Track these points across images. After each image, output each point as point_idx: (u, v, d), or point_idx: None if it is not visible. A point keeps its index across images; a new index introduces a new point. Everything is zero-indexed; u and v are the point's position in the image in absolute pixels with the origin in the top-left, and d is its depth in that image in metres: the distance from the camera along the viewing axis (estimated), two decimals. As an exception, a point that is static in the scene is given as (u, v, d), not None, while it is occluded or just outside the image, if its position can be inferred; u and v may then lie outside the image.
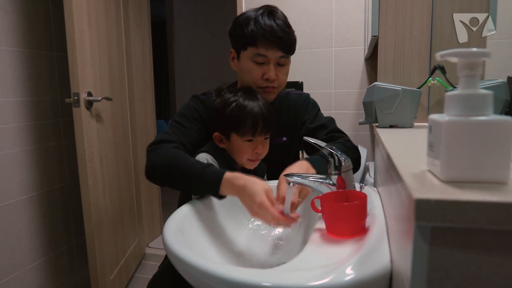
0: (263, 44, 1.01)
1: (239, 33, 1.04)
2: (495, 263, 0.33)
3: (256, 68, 1.04)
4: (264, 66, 1.04)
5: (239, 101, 0.97)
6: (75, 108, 1.45)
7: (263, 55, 1.02)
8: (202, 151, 1.00)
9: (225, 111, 0.98)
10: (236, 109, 0.97)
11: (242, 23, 1.03)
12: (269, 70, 1.03)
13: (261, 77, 1.05)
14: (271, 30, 1.00)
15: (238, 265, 0.81)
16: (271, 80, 1.05)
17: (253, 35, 1.01)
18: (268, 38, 1.00)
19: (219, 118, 1.00)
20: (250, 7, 2.08)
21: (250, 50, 1.03)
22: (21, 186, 1.58)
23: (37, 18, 1.65)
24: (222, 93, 1.02)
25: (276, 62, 1.04)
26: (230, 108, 0.97)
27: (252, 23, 1.01)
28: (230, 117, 0.97)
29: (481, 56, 0.38)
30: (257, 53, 1.02)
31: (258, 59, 1.03)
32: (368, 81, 1.93)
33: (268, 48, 1.01)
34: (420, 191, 0.34)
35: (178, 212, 0.84)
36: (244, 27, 1.02)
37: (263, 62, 1.04)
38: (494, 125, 0.36)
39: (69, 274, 1.87)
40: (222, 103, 1.00)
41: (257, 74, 1.05)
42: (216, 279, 0.53)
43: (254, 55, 1.03)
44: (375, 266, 0.51)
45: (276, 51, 1.02)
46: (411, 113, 0.93)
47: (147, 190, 2.40)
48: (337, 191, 0.76)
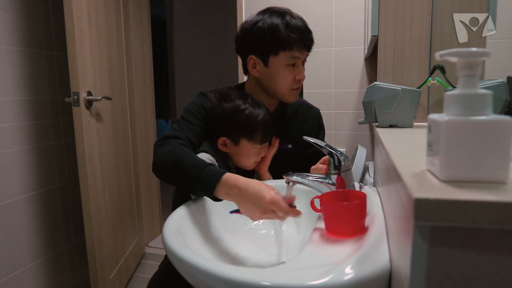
0: (298, 47, 1.03)
1: (270, 39, 1.03)
2: (495, 263, 0.33)
3: (288, 71, 1.06)
4: (295, 68, 1.06)
5: (251, 109, 1.00)
6: (75, 107, 1.45)
7: (297, 57, 1.05)
8: (203, 150, 1.00)
9: (238, 117, 0.99)
10: (250, 116, 1.00)
11: (270, 30, 1.02)
12: (301, 71, 1.08)
13: (294, 79, 1.07)
14: (304, 32, 1.03)
15: (237, 264, 0.81)
16: (302, 80, 1.09)
17: (288, 39, 1.01)
18: (303, 40, 1.03)
19: (230, 122, 1.00)
20: (250, 7, 2.07)
21: (283, 55, 1.04)
22: (21, 186, 1.58)
23: (37, 17, 1.65)
24: (232, 98, 1.02)
25: (302, 62, 1.08)
26: (245, 114, 0.99)
27: (284, 28, 1.01)
28: (244, 123, 1.00)
29: (481, 56, 0.38)
30: (292, 56, 1.04)
31: (292, 61, 1.05)
32: (368, 81, 1.93)
33: (302, 50, 1.04)
34: (419, 190, 0.34)
35: (177, 211, 0.84)
36: (275, 33, 1.02)
37: (294, 63, 1.06)
38: (493, 125, 0.36)
39: (68, 274, 1.87)
40: (232, 108, 1.00)
41: (290, 77, 1.07)
42: (216, 279, 0.53)
43: (288, 59, 1.04)
44: (375, 265, 0.51)
45: (305, 52, 1.06)
46: (411, 113, 0.93)
47: (147, 190, 2.40)
48: (337, 190, 0.77)
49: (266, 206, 0.73)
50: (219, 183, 0.81)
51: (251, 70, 1.10)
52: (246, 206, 0.77)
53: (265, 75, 1.08)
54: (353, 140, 2.00)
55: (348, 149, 2.01)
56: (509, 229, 0.32)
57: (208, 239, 0.83)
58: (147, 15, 2.35)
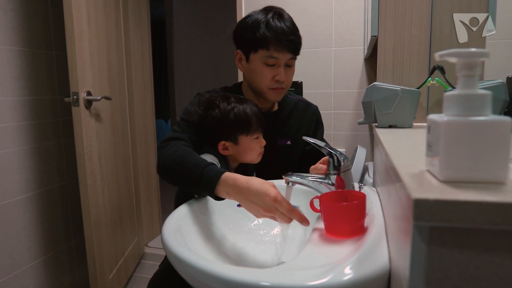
0: (275, 47, 1.03)
1: (249, 35, 1.04)
2: (494, 263, 0.33)
3: (267, 70, 1.06)
4: (275, 68, 1.06)
5: (238, 106, 1.01)
6: (74, 107, 1.45)
7: (275, 58, 1.04)
8: (207, 151, 1.01)
9: (229, 118, 1.00)
10: (240, 113, 1.00)
11: (251, 26, 1.04)
12: (280, 72, 1.06)
13: (272, 79, 1.07)
14: (283, 33, 1.02)
15: (237, 264, 0.81)
16: (282, 81, 1.07)
17: (265, 38, 1.02)
18: (280, 41, 1.02)
19: (223, 126, 1.01)
20: (249, 7, 2.08)
21: (261, 53, 1.04)
22: (20, 185, 1.58)
23: (36, 17, 1.64)
24: (216, 103, 1.03)
25: (285, 64, 1.07)
26: (234, 113, 1.00)
27: (263, 26, 1.02)
28: (237, 121, 1.00)
29: (480, 56, 0.38)
30: (269, 56, 1.04)
31: (269, 61, 1.05)
32: (367, 81, 1.93)
33: (280, 51, 1.03)
34: (418, 191, 0.34)
35: (177, 211, 0.84)
36: (255, 30, 1.03)
37: (274, 64, 1.06)
38: (492, 125, 0.36)
39: (68, 274, 1.87)
40: (220, 113, 1.01)
41: (268, 76, 1.07)
42: (215, 279, 0.53)
43: (265, 58, 1.04)
44: (374, 266, 0.51)
45: (287, 54, 1.05)
46: (410, 113, 0.93)
47: (146, 190, 2.40)
48: (336, 191, 0.77)
49: (269, 203, 0.72)
50: (218, 182, 0.81)
51: (237, 64, 1.14)
52: (248, 204, 0.77)
53: (247, 70, 1.11)
54: (352, 140, 2.00)
55: (348, 149, 2.01)
56: (508, 229, 0.32)
57: (207, 239, 0.83)
58: (146, 15, 2.35)
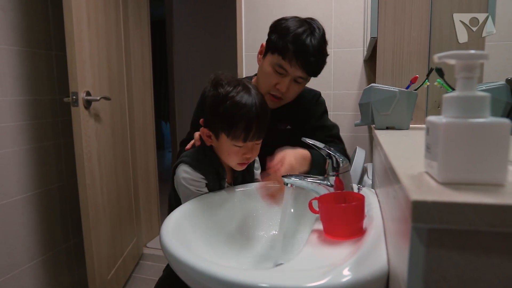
0: (290, 59, 1.02)
1: (275, 37, 1.04)
2: (492, 265, 0.33)
3: (273, 75, 1.06)
4: (281, 77, 1.06)
5: (236, 99, 0.86)
6: (73, 107, 1.44)
7: (284, 69, 1.04)
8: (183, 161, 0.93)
9: (219, 106, 0.86)
10: (231, 107, 0.85)
11: (282, 30, 1.03)
12: (283, 83, 1.05)
13: (274, 85, 1.07)
14: (304, 51, 1.01)
15: (235, 265, 0.81)
16: (281, 92, 1.07)
17: (286, 47, 1.01)
18: (298, 57, 1.01)
19: (211, 111, 0.89)
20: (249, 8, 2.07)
21: (276, 58, 1.04)
22: (19, 185, 1.58)
23: (36, 17, 1.64)
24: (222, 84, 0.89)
25: (294, 79, 1.06)
26: (227, 104, 0.86)
27: (291, 37, 1.01)
28: (223, 116, 0.86)
29: (479, 58, 0.38)
30: (280, 64, 1.04)
31: (278, 69, 1.05)
32: (367, 82, 1.93)
33: (292, 65, 1.02)
34: (417, 192, 0.34)
35: (175, 212, 0.84)
36: (283, 36, 1.02)
37: (282, 73, 1.05)
38: (491, 127, 0.36)
39: (66, 274, 1.87)
40: (217, 95, 0.88)
41: (271, 81, 1.06)
42: (214, 280, 0.53)
43: (276, 64, 1.04)
44: (372, 267, 0.51)
45: (298, 70, 1.03)
46: (408, 115, 0.93)
47: (145, 190, 2.40)
48: (335, 192, 0.76)
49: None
50: None
51: (258, 55, 1.13)
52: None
53: (260, 65, 1.11)
54: (352, 141, 2.00)
55: (347, 150, 2.01)
56: (506, 231, 0.32)
57: (206, 240, 0.83)
58: (146, 15, 2.35)
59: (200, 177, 0.92)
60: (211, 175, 0.93)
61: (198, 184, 0.92)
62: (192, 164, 0.92)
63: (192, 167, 0.92)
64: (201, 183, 0.92)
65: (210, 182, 0.94)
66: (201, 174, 0.92)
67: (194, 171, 0.91)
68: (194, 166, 0.92)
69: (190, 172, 0.91)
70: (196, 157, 0.94)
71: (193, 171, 0.91)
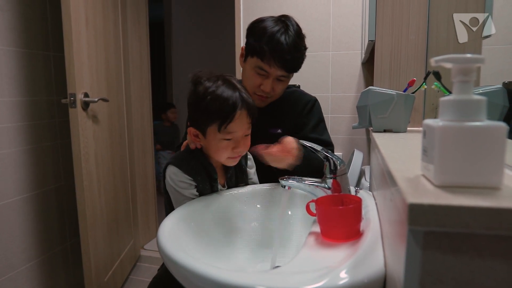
0: (268, 61, 1.03)
1: (252, 40, 1.06)
2: (488, 268, 0.33)
3: (255, 77, 1.07)
4: (264, 78, 1.07)
5: (219, 91, 0.84)
6: (71, 108, 1.44)
7: (265, 71, 1.05)
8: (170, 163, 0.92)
9: (202, 101, 0.85)
10: (217, 98, 0.84)
11: (258, 32, 1.04)
12: (267, 84, 1.07)
13: (258, 86, 1.08)
14: (280, 50, 1.01)
15: (232, 268, 0.81)
16: (266, 92, 1.08)
17: (262, 49, 1.02)
18: (275, 58, 1.02)
19: (195, 109, 0.88)
20: (248, 9, 2.08)
21: (255, 60, 1.05)
22: (16, 186, 1.57)
23: (34, 18, 1.64)
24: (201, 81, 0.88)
25: (277, 78, 1.08)
26: (210, 97, 0.84)
27: (266, 38, 1.02)
28: (206, 111, 0.84)
29: (475, 62, 0.38)
30: (260, 66, 1.05)
31: (259, 71, 1.06)
32: (364, 85, 1.94)
33: (272, 66, 1.04)
34: (413, 195, 0.34)
35: (173, 214, 0.84)
36: (259, 38, 1.03)
37: (264, 75, 1.06)
38: (487, 131, 0.36)
39: (63, 276, 1.86)
40: (199, 92, 0.86)
41: (255, 83, 1.08)
42: (210, 282, 0.53)
43: (256, 66, 1.06)
44: (369, 270, 0.51)
45: (278, 70, 1.05)
46: (405, 117, 0.93)
47: (143, 192, 2.39)
48: (332, 194, 0.77)
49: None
50: None
51: (239, 58, 1.15)
52: None
53: (243, 68, 1.13)
54: (349, 144, 2.01)
55: (345, 153, 2.01)
56: (502, 234, 0.32)
57: (203, 242, 0.83)
58: (145, 16, 2.35)
59: (187, 178, 0.91)
60: (200, 176, 0.92)
61: (185, 185, 0.91)
62: (179, 165, 0.91)
63: (178, 168, 0.91)
64: (188, 184, 0.91)
65: (200, 184, 0.92)
66: (189, 175, 0.91)
67: (181, 172, 0.91)
68: (181, 166, 0.91)
69: (177, 173, 0.91)
70: (182, 158, 0.94)
71: (180, 172, 0.90)
